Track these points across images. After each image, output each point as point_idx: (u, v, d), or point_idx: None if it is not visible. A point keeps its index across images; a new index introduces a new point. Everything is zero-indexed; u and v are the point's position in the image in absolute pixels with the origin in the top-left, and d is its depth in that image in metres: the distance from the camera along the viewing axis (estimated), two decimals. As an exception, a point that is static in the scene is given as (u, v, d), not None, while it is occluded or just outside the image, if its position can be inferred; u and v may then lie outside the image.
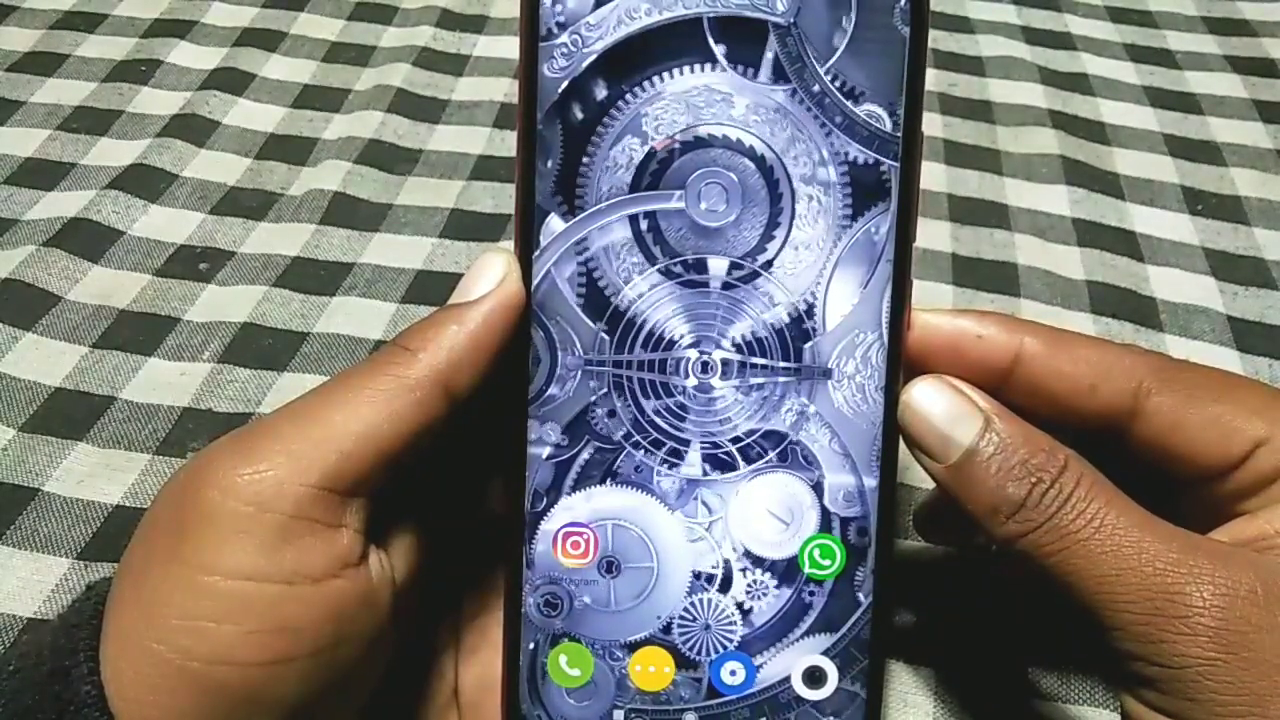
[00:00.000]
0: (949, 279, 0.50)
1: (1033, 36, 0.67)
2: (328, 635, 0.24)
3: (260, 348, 0.46)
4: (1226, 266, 0.51)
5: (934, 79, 0.62)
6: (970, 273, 0.50)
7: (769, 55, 0.26)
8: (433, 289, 0.49)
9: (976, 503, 0.25)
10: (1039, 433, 0.25)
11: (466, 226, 0.53)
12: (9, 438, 0.42)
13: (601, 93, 0.26)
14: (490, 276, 0.26)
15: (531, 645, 0.27)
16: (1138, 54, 0.66)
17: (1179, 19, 0.69)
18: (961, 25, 0.68)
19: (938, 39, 0.66)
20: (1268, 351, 0.47)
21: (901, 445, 0.27)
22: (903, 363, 0.27)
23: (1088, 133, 0.59)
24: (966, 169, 0.56)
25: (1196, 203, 0.55)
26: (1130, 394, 0.26)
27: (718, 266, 0.27)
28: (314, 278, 0.49)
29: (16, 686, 0.23)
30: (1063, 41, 0.67)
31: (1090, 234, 0.53)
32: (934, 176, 0.55)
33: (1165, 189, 0.56)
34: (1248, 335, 0.48)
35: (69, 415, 0.43)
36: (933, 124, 0.58)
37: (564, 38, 0.26)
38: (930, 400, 0.26)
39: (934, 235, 0.52)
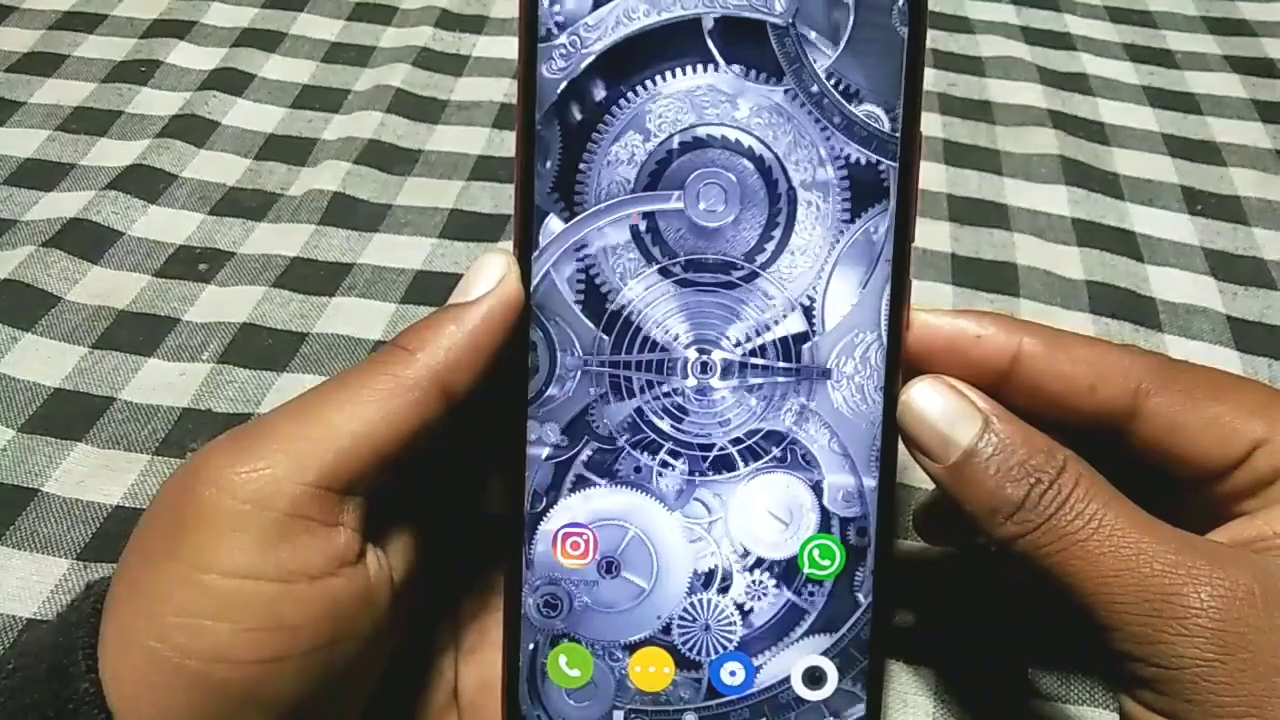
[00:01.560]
0: (948, 279, 0.50)
1: (1032, 36, 0.67)
2: (325, 634, 0.24)
3: (260, 348, 0.46)
4: (1226, 266, 0.51)
5: (934, 79, 0.62)
6: (970, 273, 0.50)
7: (767, 55, 0.26)
8: (432, 289, 0.49)
9: (975, 503, 0.25)
10: (1038, 433, 0.25)
11: (466, 227, 0.53)
12: (9, 438, 0.42)
13: (600, 93, 0.26)
14: (489, 277, 0.26)
15: (531, 645, 0.27)
16: (1138, 54, 0.66)
17: (1179, 19, 0.69)
18: (961, 25, 0.68)
19: (937, 39, 0.66)
20: (1267, 351, 0.47)
21: (901, 445, 0.27)
22: (902, 363, 0.27)
23: (1087, 133, 0.59)
24: (966, 169, 0.56)
25: (1196, 203, 0.55)
26: (1129, 394, 0.26)
27: (717, 267, 0.27)
28: (314, 278, 0.49)
29: (16, 685, 0.23)
30: (1062, 41, 0.67)
31: (1090, 234, 0.53)
32: (934, 176, 0.55)
33: (1165, 189, 0.56)
34: (1247, 335, 0.48)
35: (69, 415, 0.43)
36: (932, 124, 0.58)
37: (563, 38, 0.26)
38: (929, 400, 0.26)
39: (934, 235, 0.52)
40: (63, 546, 0.38)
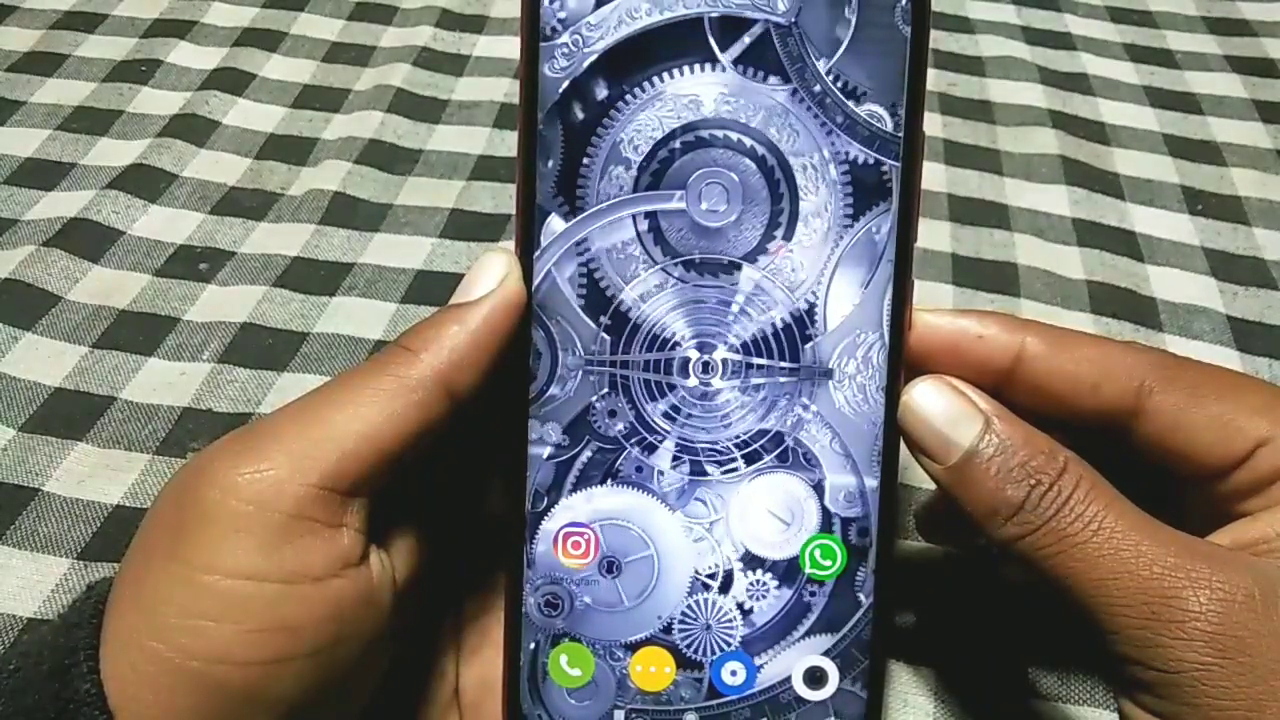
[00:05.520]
0: (949, 279, 0.50)
1: (1033, 36, 0.67)
2: (328, 635, 0.24)
3: (260, 348, 0.46)
4: (1226, 266, 0.51)
5: (934, 79, 0.62)
6: (970, 273, 0.50)
7: (770, 55, 0.26)
8: (433, 289, 0.49)
9: (976, 504, 0.25)
10: (1039, 434, 0.25)
11: (466, 226, 0.53)
12: (9, 438, 0.42)
13: (602, 92, 0.26)
14: (491, 276, 0.26)
15: (532, 645, 0.27)
16: (1138, 54, 0.66)
17: (1179, 19, 0.69)
18: (961, 25, 0.68)
19: (938, 39, 0.66)
20: (1268, 351, 0.47)
21: (903, 445, 0.27)
22: (904, 363, 0.27)
23: (1088, 133, 0.59)
24: (966, 169, 0.56)
25: (1196, 203, 0.55)
26: (1132, 393, 0.26)
27: (718, 267, 0.27)
28: (314, 278, 0.49)
29: (17, 686, 0.23)
30: (1063, 41, 0.67)
31: (1090, 234, 0.53)
32: (934, 176, 0.55)
33: (1165, 189, 0.56)
34: (1247, 335, 0.48)
35: (69, 415, 0.43)
36: (933, 124, 0.58)
37: (565, 37, 0.26)
38: (930, 401, 0.26)
39: (934, 235, 0.52)
40: (63, 546, 0.38)
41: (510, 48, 0.65)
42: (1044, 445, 0.25)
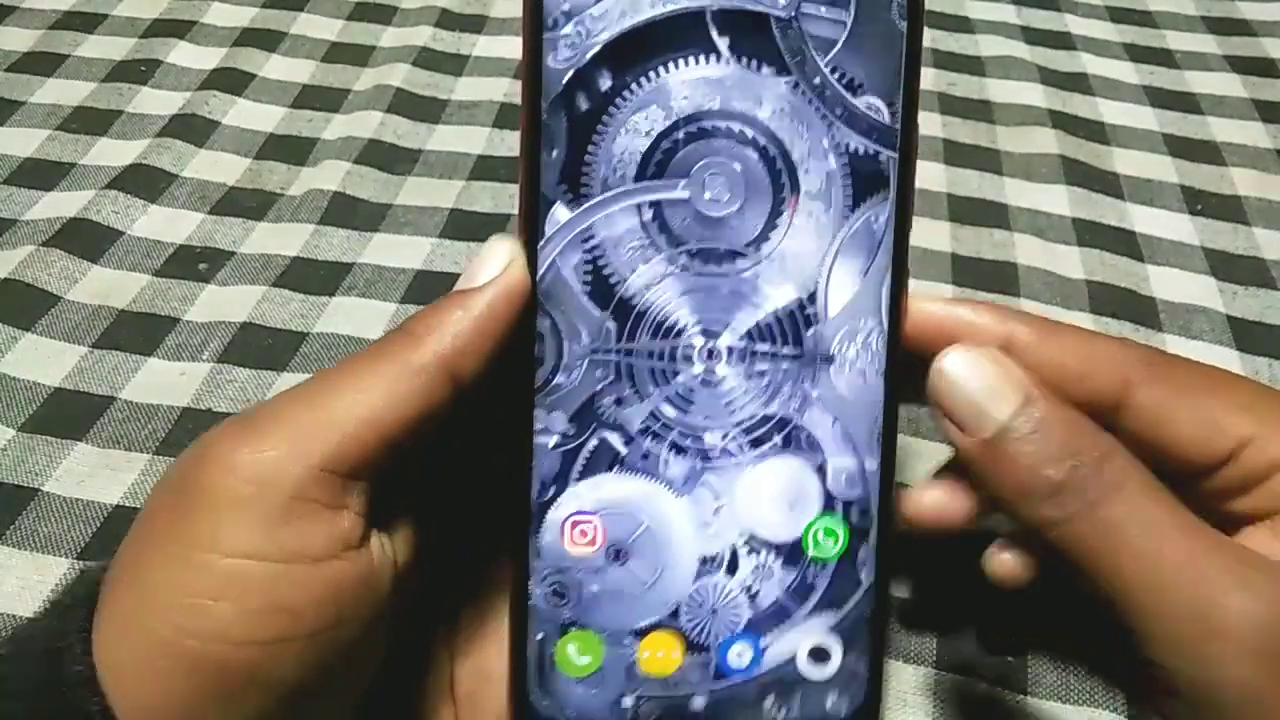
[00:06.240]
0: (949, 279, 0.50)
1: (1033, 36, 0.67)
2: (327, 616, 0.23)
3: (260, 348, 0.46)
4: (1226, 266, 0.51)
5: (933, 79, 0.62)
6: (970, 272, 0.50)
7: (770, 47, 0.26)
8: (432, 289, 0.49)
9: (1007, 483, 0.24)
10: (1082, 416, 0.25)
11: (466, 226, 0.53)
12: (9, 438, 0.42)
13: (605, 84, 0.26)
14: (496, 262, 0.26)
15: (540, 635, 0.27)
16: (1138, 54, 0.66)
17: (1179, 19, 0.69)
18: (961, 25, 0.68)
19: (937, 39, 0.66)
20: (1268, 351, 0.47)
21: (899, 427, 0.27)
22: (900, 348, 0.27)
23: (1088, 133, 0.59)
24: (966, 169, 0.56)
25: (1196, 203, 0.55)
26: (1118, 385, 0.26)
27: (722, 255, 0.27)
28: (314, 278, 0.49)
29: (8, 670, 0.23)
30: (1063, 41, 0.67)
31: (1090, 234, 0.53)
32: (934, 176, 0.55)
33: (1165, 189, 0.56)
34: (1247, 335, 0.48)
35: (69, 415, 0.43)
36: (932, 124, 0.58)
37: (568, 29, 0.26)
38: (966, 369, 0.25)
39: (934, 235, 0.52)
40: (63, 546, 0.38)
41: (510, 47, 0.65)
42: (1088, 427, 0.24)
